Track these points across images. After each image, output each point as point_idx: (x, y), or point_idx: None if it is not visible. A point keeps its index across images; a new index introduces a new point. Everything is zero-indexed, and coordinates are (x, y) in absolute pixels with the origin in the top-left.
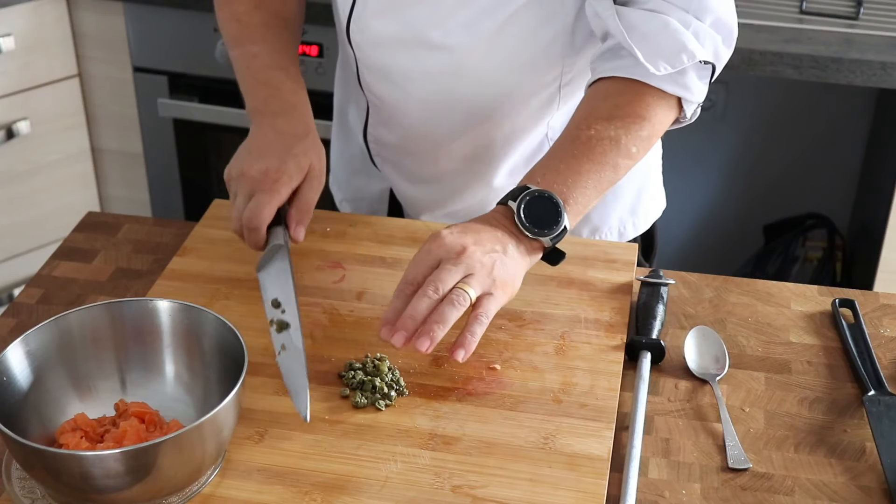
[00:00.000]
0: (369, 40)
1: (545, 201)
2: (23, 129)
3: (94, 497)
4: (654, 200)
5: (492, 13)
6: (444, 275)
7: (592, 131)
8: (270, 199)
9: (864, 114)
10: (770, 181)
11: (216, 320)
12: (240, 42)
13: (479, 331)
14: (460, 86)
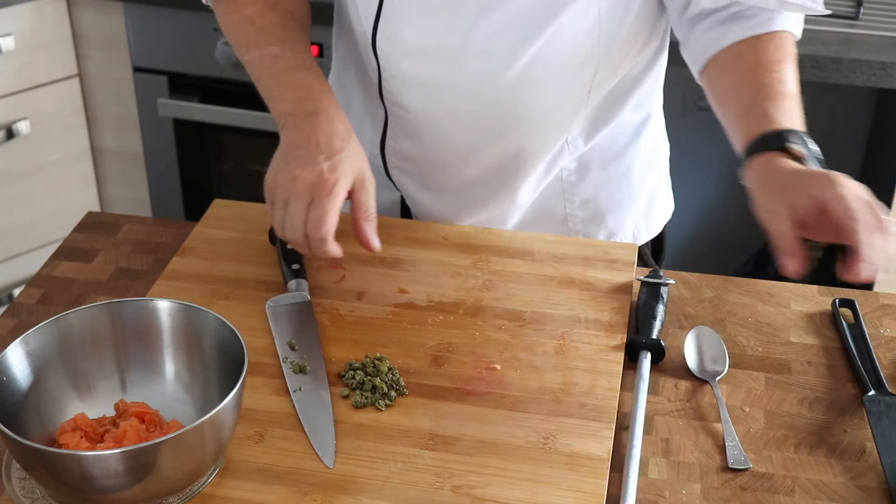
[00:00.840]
0: (399, 50)
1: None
2: (23, 129)
3: (94, 497)
4: (665, 202)
5: (537, 18)
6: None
7: (779, 75)
8: (333, 205)
9: (864, 114)
10: None
11: (216, 320)
12: (257, 44)
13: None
14: (496, 93)
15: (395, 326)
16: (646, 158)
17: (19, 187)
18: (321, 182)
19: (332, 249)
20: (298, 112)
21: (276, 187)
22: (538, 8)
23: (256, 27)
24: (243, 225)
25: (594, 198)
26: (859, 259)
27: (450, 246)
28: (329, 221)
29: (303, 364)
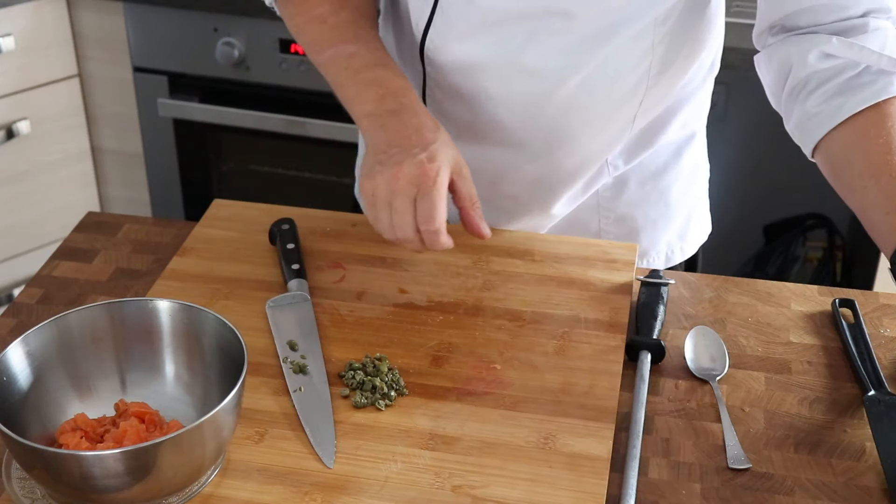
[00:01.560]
0: (446, 61)
1: None
2: (23, 129)
3: (94, 497)
4: (702, 224)
5: (591, 41)
6: None
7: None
8: (440, 195)
9: None
10: (770, 181)
11: (216, 320)
12: (331, 43)
13: None
14: (540, 113)
15: (395, 326)
16: (686, 178)
17: (19, 187)
18: (423, 174)
19: (446, 241)
20: (381, 111)
21: (377, 189)
22: (591, 35)
23: (329, 26)
24: (243, 225)
25: (630, 215)
26: None
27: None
28: (440, 212)
29: (303, 364)
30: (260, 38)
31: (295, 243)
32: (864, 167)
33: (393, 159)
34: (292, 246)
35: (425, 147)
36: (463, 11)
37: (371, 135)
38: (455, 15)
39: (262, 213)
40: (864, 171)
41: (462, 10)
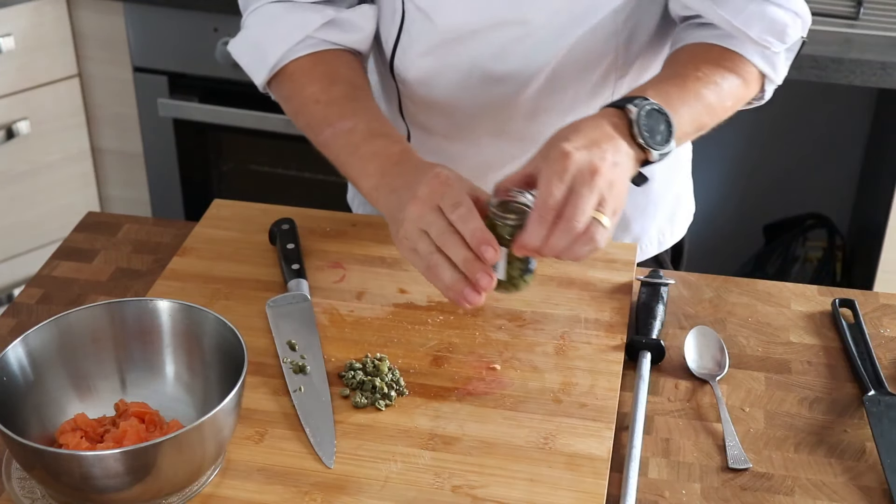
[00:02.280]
0: (416, 77)
1: (660, 116)
2: (23, 129)
3: (94, 497)
4: (687, 206)
5: (550, 42)
6: (583, 204)
7: (700, 73)
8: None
9: (864, 114)
10: (770, 181)
11: (216, 320)
12: (328, 122)
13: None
14: (515, 114)
15: (395, 326)
16: (670, 164)
17: (19, 187)
18: (438, 185)
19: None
20: (385, 182)
21: (407, 230)
22: (549, 36)
23: (323, 104)
24: (243, 225)
25: None
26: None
27: None
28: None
29: (303, 364)
30: None
31: (295, 243)
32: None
33: (404, 193)
34: (292, 246)
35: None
36: (424, 29)
37: (382, 202)
38: (417, 32)
39: (262, 213)
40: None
41: (423, 28)
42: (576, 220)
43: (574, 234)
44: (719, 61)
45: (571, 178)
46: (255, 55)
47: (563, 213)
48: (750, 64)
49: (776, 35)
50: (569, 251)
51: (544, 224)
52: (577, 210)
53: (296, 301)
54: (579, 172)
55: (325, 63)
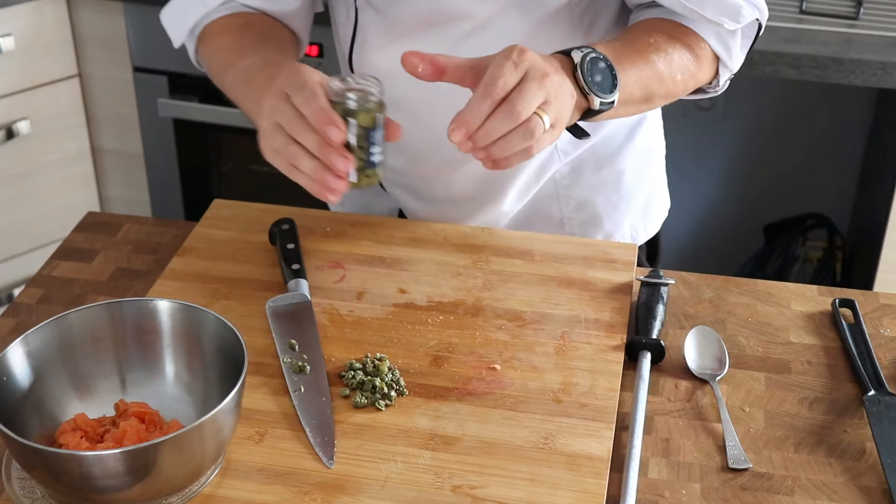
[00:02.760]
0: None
1: (604, 69)
2: (23, 129)
3: (94, 497)
4: (661, 201)
5: (501, 35)
6: (530, 95)
7: (652, 40)
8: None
9: (864, 114)
10: (770, 181)
11: (216, 320)
12: (232, 63)
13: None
14: None
15: (395, 326)
16: (640, 159)
17: (19, 187)
18: (290, 75)
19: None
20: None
21: (264, 129)
22: (502, 30)
23: (230, 50)
24: (243, 225)
25: (590, 200)
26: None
27: (450, 246)
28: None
29: (303, 364)
30: None
31: (295, 243)
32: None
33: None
34: (292, 246)
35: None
36: (377, 25)
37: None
38: (371, 28)
39: (262, 213)
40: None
41: (376, 24)
42: (521, 106)
43: (516, 121)
44: (673, 34)
45: (525, 69)
46: (177, 19)
47: (508, 96)
48: (704, 42)
49: (730, 15)
50: (504, 142)
51: (488, 102)
52: (523, 98)
53: (296, 301)
54: (532, 67)
55: (243, 18)
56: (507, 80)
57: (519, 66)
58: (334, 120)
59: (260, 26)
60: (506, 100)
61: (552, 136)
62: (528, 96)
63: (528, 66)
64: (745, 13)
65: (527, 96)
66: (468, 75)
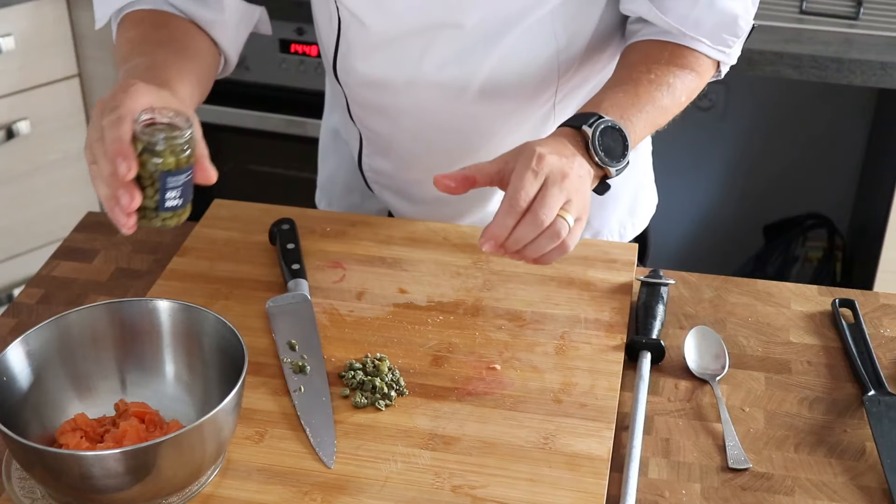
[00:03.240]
0: (356, 80)
1: (615, 133)
2: (23, 129)
3: (94, 497)
4: (649, 198)
5: (485, 44)
6: (552, 201)
7: (652, 75)
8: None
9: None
10: (770, 181)
11: (216, 320)
12: (126, 59)
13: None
14: (456, 115)
15: (395, 326)
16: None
17: (19, 187)
18: (118, 91)
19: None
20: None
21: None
22: (484, 37)
23: (132, 45)
24: (243, 225)
25: None
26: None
27: (450, 246)
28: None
29: (303, 364)
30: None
31: (295, 243)
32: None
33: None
34: (292, 246)
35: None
36: (360, 34)
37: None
38: (354, 37)
39: (262, 213)
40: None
41: (359, 33)
42: (543, 214)
43: (540, 228)
44: (672, 60)
45: (545, 176)
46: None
47: (531, 206)
48: (703, 56)
49: (729, 30)
50: (534, 246)
51: (513, 215)
52: (546, 205)
53: (296, 301)
54: (552, 172)
55: (163, 17)
56: (528, 191)
57: (539, 173)
58: (126, 153)
59: (174, 29)
60: (529, 210)
61: (580, 228)
62: (550, 203)
63: (547, 171)
64: (742, 24)
65: (549, 203)
66: (495, 178)
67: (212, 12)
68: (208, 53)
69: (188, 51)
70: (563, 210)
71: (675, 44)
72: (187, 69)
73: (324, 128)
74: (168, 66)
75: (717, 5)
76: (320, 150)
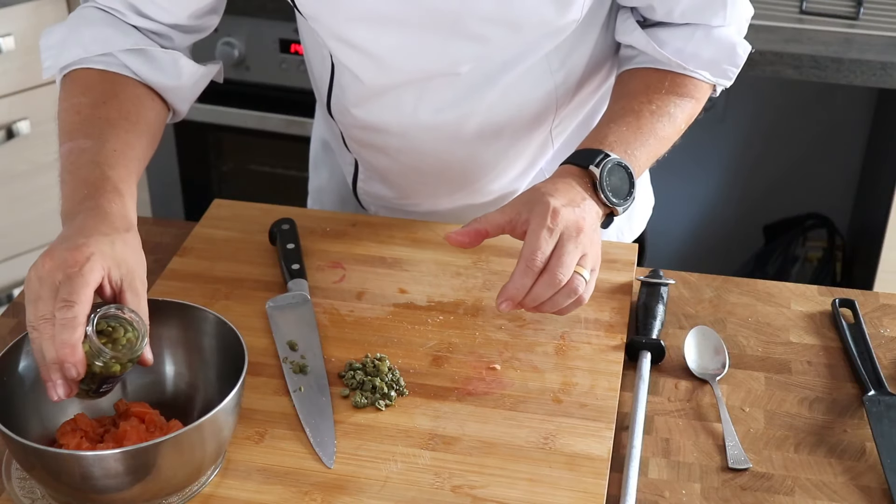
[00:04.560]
0: (351, 123)
1: (621, 171)
2: (23, 129)
3: (94, 497)
4: (646, 200)
5: (482, 89)
6: (568, 259)
7: (654, 106)
8: (77, 303)
9: (864, 114)
10: (770, 181)
11: (216, 320)
12: (71, 136)
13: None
14: (454, 154)
15: (395, 326)
16: None
17: (19, 187)
18: (70, 257)
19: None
20: (76, 210)
21: (29, 279)
22: (480, 80)
23: (81, 118)
24: (243, 225)
25: None
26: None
27: (450, 246)
28: (74, 325)
29: (303, 364)
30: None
31: (295, 243)
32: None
33: (54, 244)
34: (292, 246)
35: (90, 235)
36: (353, 83)
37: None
38: (347, 86)
39: (262, 213)
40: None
41: (352, 82)
42: (561, 274)
43: (557, 287)
44: (672, 89)
45: (560, 232)
46: (55, 50)
47: (547, 265)
48: (701, 82)
49: (728, 59)
50: (551, 303)
51: (530, 276)
52: (562, 264)
53: (296, 301)
54: (567, 228)
55: (112, 84)
56: (544, 251)
57: (554, 231)
58: (77, 360)
59: (124, 101)
60: (546, 269)
61: (594, 279)
62: (566, 261)
63: (562, 227)
64: (739, 51)
65: (565, 262)
66: (507, 228)
67: (169, 79)
68: (157, 120)
69: (138, 127)
70: (579, 265)
71: (674, 73)
72: (135, 156)
73: (314, 136)
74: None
75: (712, 36)
76: (311, 159)
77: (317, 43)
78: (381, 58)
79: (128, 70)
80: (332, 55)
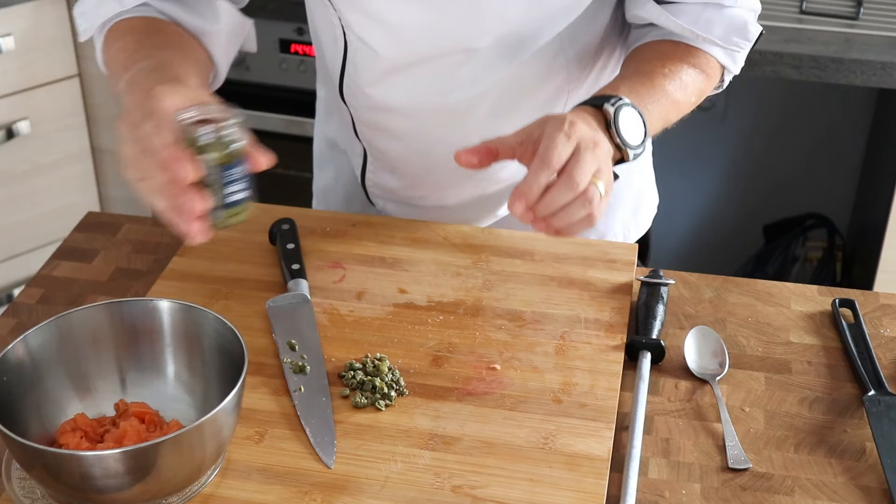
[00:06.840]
0: (364, 105)
1: (635, 113)
2: (23, 129)
3: (94, 497)
4: (650, 200)
5: (497, 67)
6: (586, 165)
7: (667, 69)
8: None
9: (864, 114)
10: (770, 181)
11: (216, 320)
12: (126, 67)
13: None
14: (466, 135)
15: (395, 326)
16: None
17: (19, 187)
18: (142, 97)
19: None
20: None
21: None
22: (496, 57)
23: (129, 51)
24: (243, 225)
25: None
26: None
27: (450, 246)
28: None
29: (303, 364)
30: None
31: (295, 243)
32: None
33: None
34: (292, 246)
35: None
36: (368, 60)
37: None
38: (362, 63)
39: (262, 212)
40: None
41: (368, 60)
42: (579, 177)
43: (575, 191)
44: (684, 58)
45: (577, 140)
46: (90, 13)
47: (565, 167)
48: (713, 59)
49: (739, 34)
50: (564, 214)
51: (545, 173)
52: (581, 168)
53: (296, 301)
54: (583, 138)
55: (156, 24)
56: (561, 151)
57: (571, 137)
58: (181, 157)
59: (171, 35)
60: (564, 171)
61: (605, 202)
62: (585, 167)
63: (579, 136)
64: (751, 28)
65: (584, 167)
66: (518, 150)
67: (206, 22)
68: (205, 59)
69: (189, 53)
70: (594, 177)
71: (686, 44)
72: (193, 70)
73: (317, 136)
74: (174, 64)
75: (724, 13)
76: (315, 158)
77: (329, 23)
78: (402, 28)
79: (165, 16)
80: (348, 31)
